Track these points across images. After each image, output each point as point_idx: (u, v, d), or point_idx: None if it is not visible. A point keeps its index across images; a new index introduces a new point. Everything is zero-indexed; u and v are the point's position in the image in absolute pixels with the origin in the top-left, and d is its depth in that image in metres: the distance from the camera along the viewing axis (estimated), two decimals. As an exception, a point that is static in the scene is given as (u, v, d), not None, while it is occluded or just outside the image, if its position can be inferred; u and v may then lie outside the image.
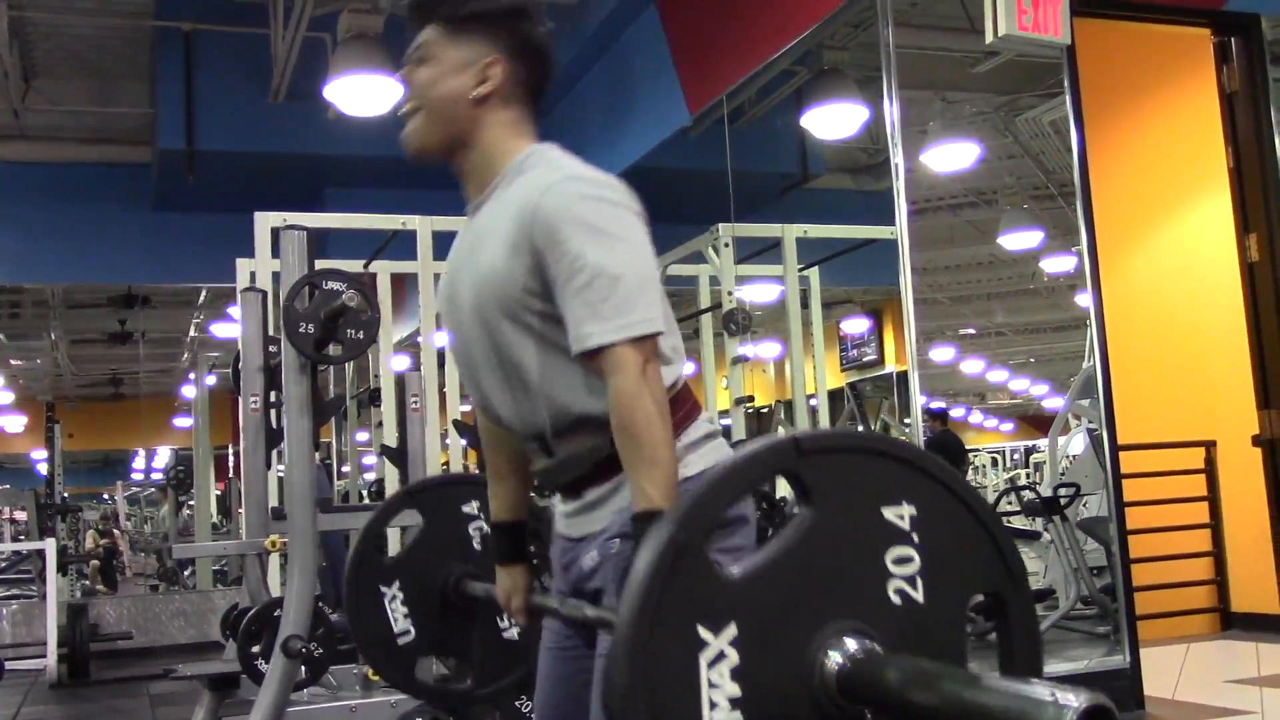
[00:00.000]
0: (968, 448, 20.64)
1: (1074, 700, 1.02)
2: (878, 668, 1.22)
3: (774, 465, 1.28)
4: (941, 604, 1.33)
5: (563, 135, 7.63)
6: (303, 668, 4.45)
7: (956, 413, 24.92)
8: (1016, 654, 1.36)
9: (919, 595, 1.31)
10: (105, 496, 18.55)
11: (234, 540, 7.09)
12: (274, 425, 5.34)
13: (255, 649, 4.63)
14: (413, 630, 2.39)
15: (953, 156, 9.35)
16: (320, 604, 4.86)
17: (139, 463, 20.27)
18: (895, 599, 1.30)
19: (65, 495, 14.46)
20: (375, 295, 7.10)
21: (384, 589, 2.38)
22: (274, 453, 5.43)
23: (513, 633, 2.53)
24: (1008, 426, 26.74)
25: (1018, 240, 11.63)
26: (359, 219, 6.79)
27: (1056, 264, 11.98)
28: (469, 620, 2.33)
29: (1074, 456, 8.51)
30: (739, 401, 7.18)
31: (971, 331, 18.78)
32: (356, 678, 5.18)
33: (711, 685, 1.19)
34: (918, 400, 5.42)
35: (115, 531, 14.81)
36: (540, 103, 1.93)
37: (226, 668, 4.90)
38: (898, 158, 5.12)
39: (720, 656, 1.20)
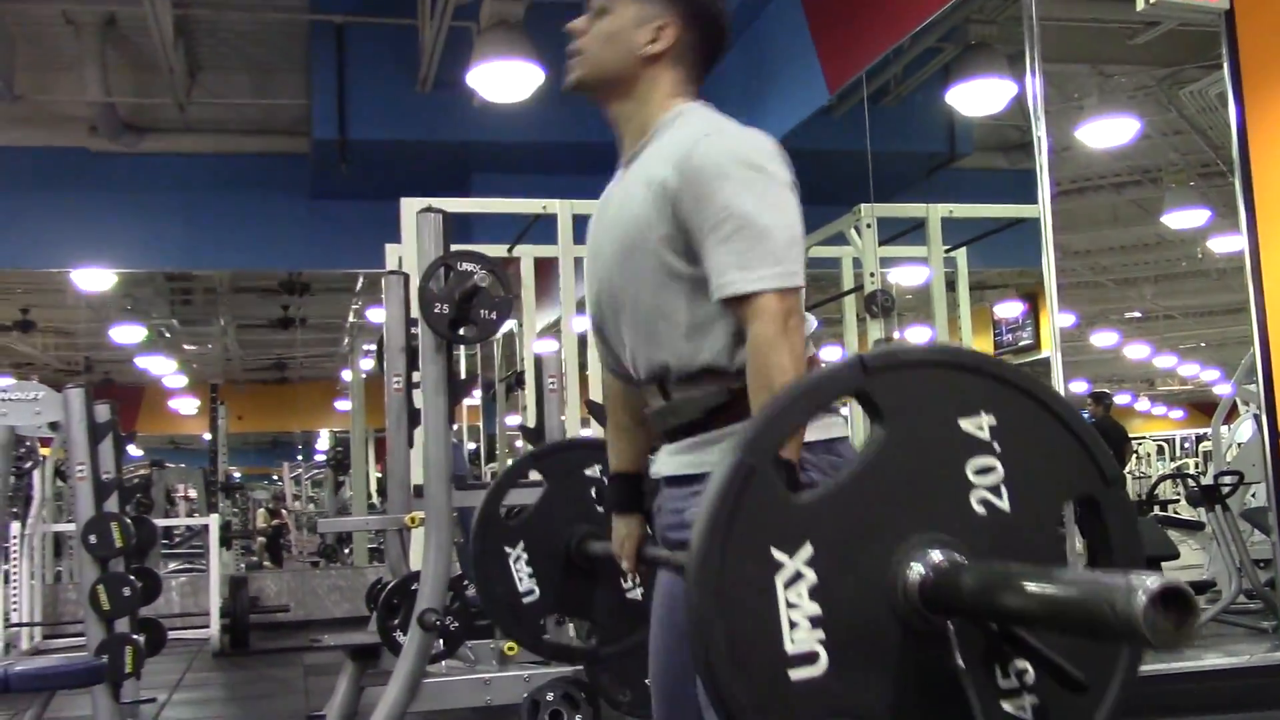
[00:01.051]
0: (1134, 435, 19.95)
1: (1149, 582, 1.00)
2: (959, 575, 1.20)
3: (840, 386, 1.26)
4: (1030, 511, 1.30)
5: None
6: (439, 640, 4.57)
7: (1121, 399, 24.09)
8: (1117, 557, 1.31)
9: (1004, 504, 1.28)
10: (274, 478, 19.27)
11: (376, 516, 7.29)
12: (415, 404, 5.46)
13: (394, 622, 4.76)
14: (537, 590, 2.45)
15: (1110, 132, 9.00)
16: (458, 580, 4.98)
17: (305, 444, 21.05)
18: (980, 509, 1.27)
19: (235, 475, 15.15)
20: (518, 278, 7.25)
21: (509, 549, 2.44)
22: (416, 431, 5.55)
23: (635, 593, 2.55)
24: (1178, 413, 25.73)
25: (1183, 219, 11.15)
26: (500, 203, 6.90)
27: (1226, 244, 11.46)
28: (592, 580, 2.37)
29: (1241, 444, 8.14)
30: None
31: (1137, 315, 18.09)
32: (493, 652, 5.28)
33: (790, 605, 1.18)
34: (1061, 384, 5.24)
35: (284, 511, 15.41)
36: (708, 71, 1.95)
37: (367, 639, 5.05)
38: (1040, 131, 4.95)
39: (797, 577, 1.19)
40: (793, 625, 1.18)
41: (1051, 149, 5.15)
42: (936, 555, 1.22)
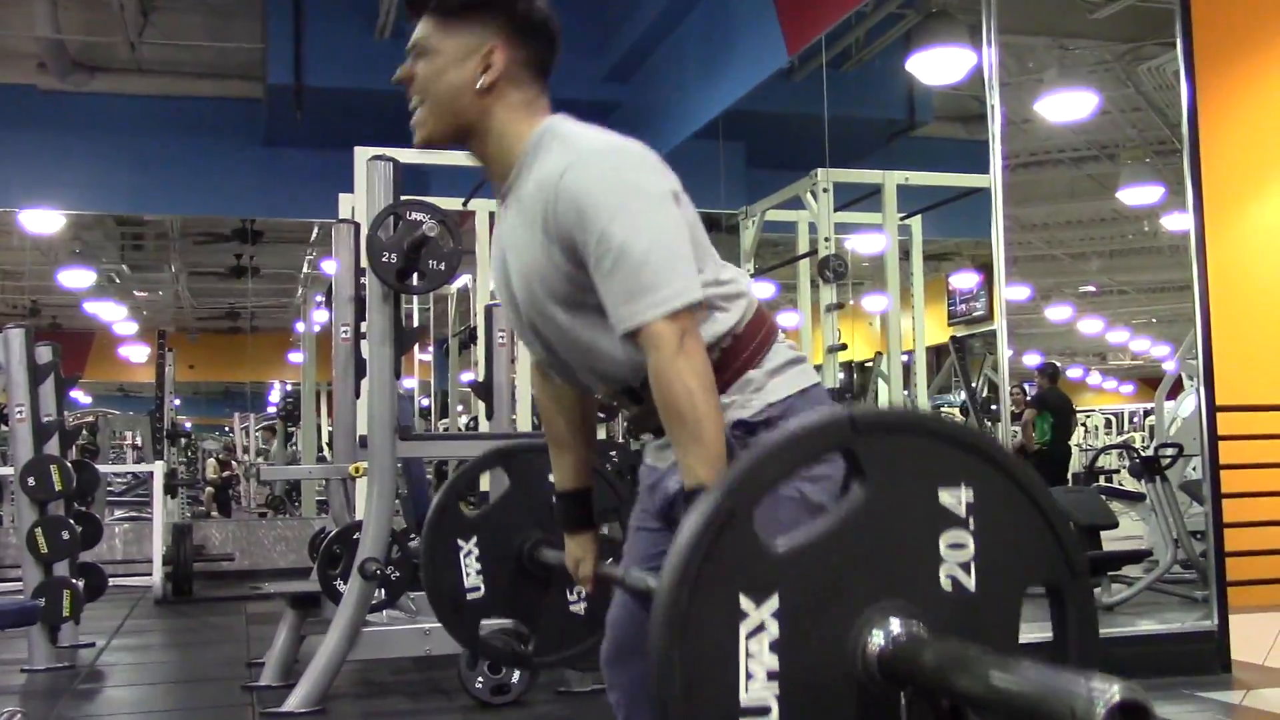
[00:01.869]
0: (1084, 408, 20.18)
1: (1109, 691, 0.99)
2: (920, 649, 1.20)
3: (828, 441, 1.26)
4: (994, 593, 1.30)
5: (660, 78, 7.62)
6: (380, 590, 4.57)
7: (1074, 373, 24.34)
8: (1072, 651, 1.33)
9: (971, 583, 1.28)
10: (226, 429, 19.12)
11: (319, 465, 7.26)
12: (363, 355, 5.43)
13: (335, 571, 4.76)
14: (483, 588, 2.39)
15: (1069, 106, 9.05)
16: (403, 533, 4.97)
17: (256, 396, 20.84)
18: (947, 584, 1.27)
19: (186, 424, 15.02)
20: (473, 233, 7.20)
21: (461, 543, 2.39)
22: (363, 382, 5.52)
23: (579, 607, 2.52)
24: (1128, 388, 26.05)
25: (1138, 195, 11.25)
26: (454, 156, 6.76)
27: (1179, 221, 11.58)
28: (540, 587, 2.33)
29: (1183, 418, 8.26)
30: (831, 349, 7.10)
31: (1091, 289, 18.26)
32: (435, 604, 5.29)
33: (749, 655, 1.19)
34: (1005, 355, 5.28)
35: (234, 463, 15.29)
36: (549, 77, 1.87)
37: (308, 588, 5.04)
38: (994, 100, 4.96)
39: (760, 628, 1.19)
40: (749, 676, 1.19)
41: (1006, 120, 5.16)
42: (896, 625, 1.22)
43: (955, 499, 1.27)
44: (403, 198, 4.53)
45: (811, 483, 1.76)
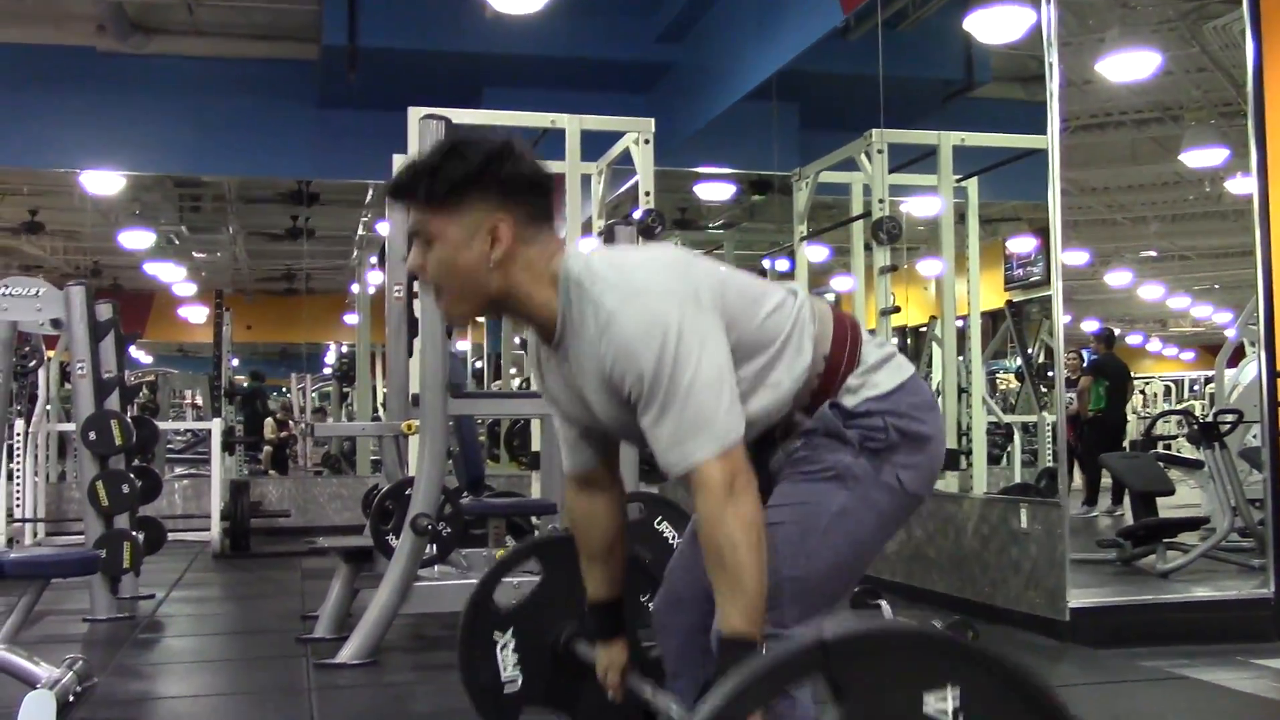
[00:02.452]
0: (1144, 375, 19.89)
1: None
2: None
3: (800, 670, 1.25)
4: None
5: (713, 38, 7.51)
6: (431, 545, 4.62)
7: (1133, 339, 24.01)
8: None
9: None
10: (283, 390, 19.36)
11: (373, 423, 7.34)
12: (416, 315, 5.47)
13: (387, 526, 4.81)
14: (520, 679, 2.38)
15: (1131, 66, 8.88)
16: (456, 491, 5.01)
17: (312, 357, 21.04)
18: None
19: (243, 384, 15.21)
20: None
21: (498, 635, 2.38)
22: (416, 342, 5.57)
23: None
24: (1188, 355, 25.68)
25: (1201, 158, 11.03)
26: (506, 116, 6.81)
27: (1243, 185, 11.34)
28: (578, 676, 2.29)
29: (1244, 385, 8.13)
30: (884, 312, 7.04)
31: (1152, 255, 17.95)
32: (486, 560, 5.34)
33: None
34: (1061, 321, 5.22)
35: (291, 423, 15.47)
36: (552, 219, 1.86)
37: (361, 543, 5.11)
38: (1053, 58, 4.89)
39: None
40: None
41: (1065, 79, 5.07)
42: None
43: (941, 703, 1.25)
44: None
45: (906, 470, 1.88)
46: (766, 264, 10.59)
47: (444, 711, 2.36)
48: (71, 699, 3.48)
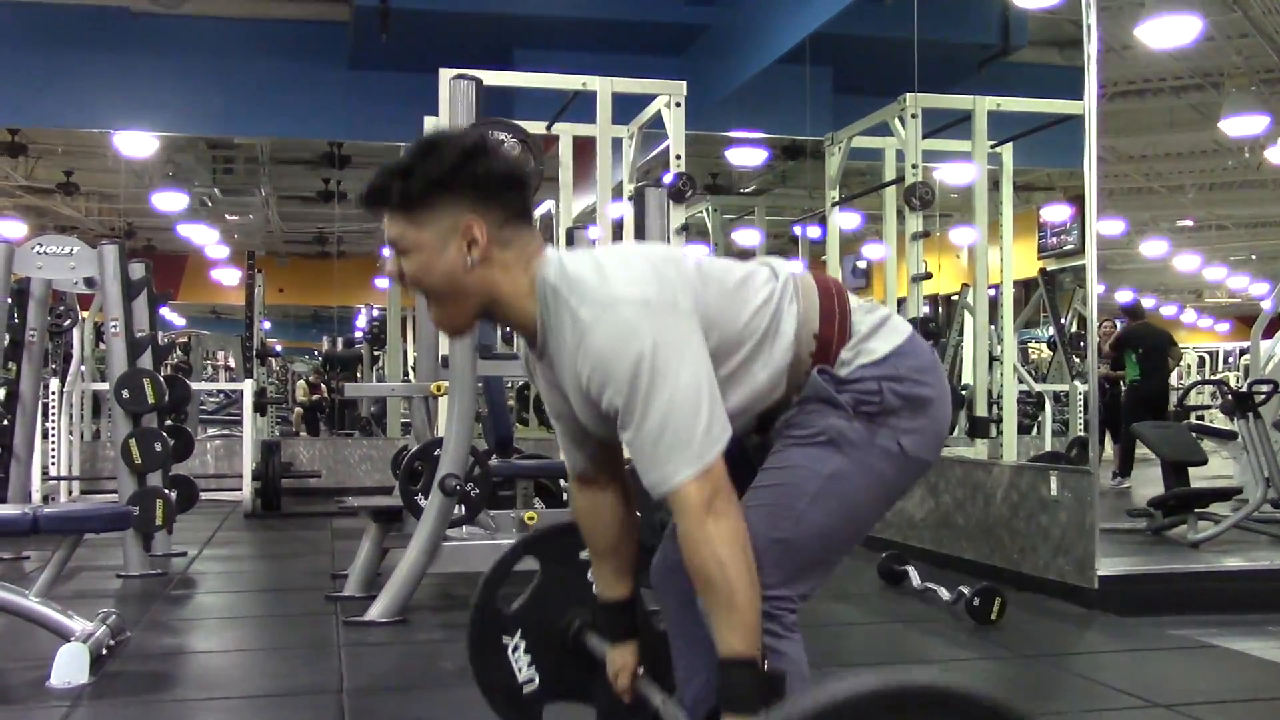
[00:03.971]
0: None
1: None
2: None
3: None
4: None
5: (746, 1, 7.40)
6: (459, 506, 4.65)
7: (1167, 310, 23.77)
8: None
9: None
10: (315, 352, 19.48)
11: (402, 384, 7.37)
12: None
13: (416, 486, 4.84)
14: (537, 678, 2.36)
15: (1172, 31, 8.74)
16: (485, 454, 5.03)
17: (343, 320, 21.16)
18: None
19: (275, 346, 15.33)
20: (557, 159, 7.19)
21: (506, 639, 2.35)
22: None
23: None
24: (1224, 326, 25.44)
25: (1241, 126, 10.88)
26: (537, 78, 6.79)
27: (1285, 153, 11.21)
28: (593, 664, 2.27)
29: (1279, 356, 8.04)
30: (915, 279, 7.00)
31: (1189, 224, 17.75)
32: (514, 521, 5.37)
33: None
34: (1094, 290, 5.17)
35: (323, 385, 15.58)
36: (530, 216, 1.82)
37: (390, 502, 5.14)
38: (1091, 19, 4.80)
39: None
40: None
41: (1102, 41, 4.99)
42: None
43: None
44: (485, 118, 4.53)
45: (908, 434, 1.85)
46: (798, 230, 10.55)
47: (471, 670, 2.37)
48: (105, 652, 3.54)
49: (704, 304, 1.76)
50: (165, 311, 15.34)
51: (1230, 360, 19.60)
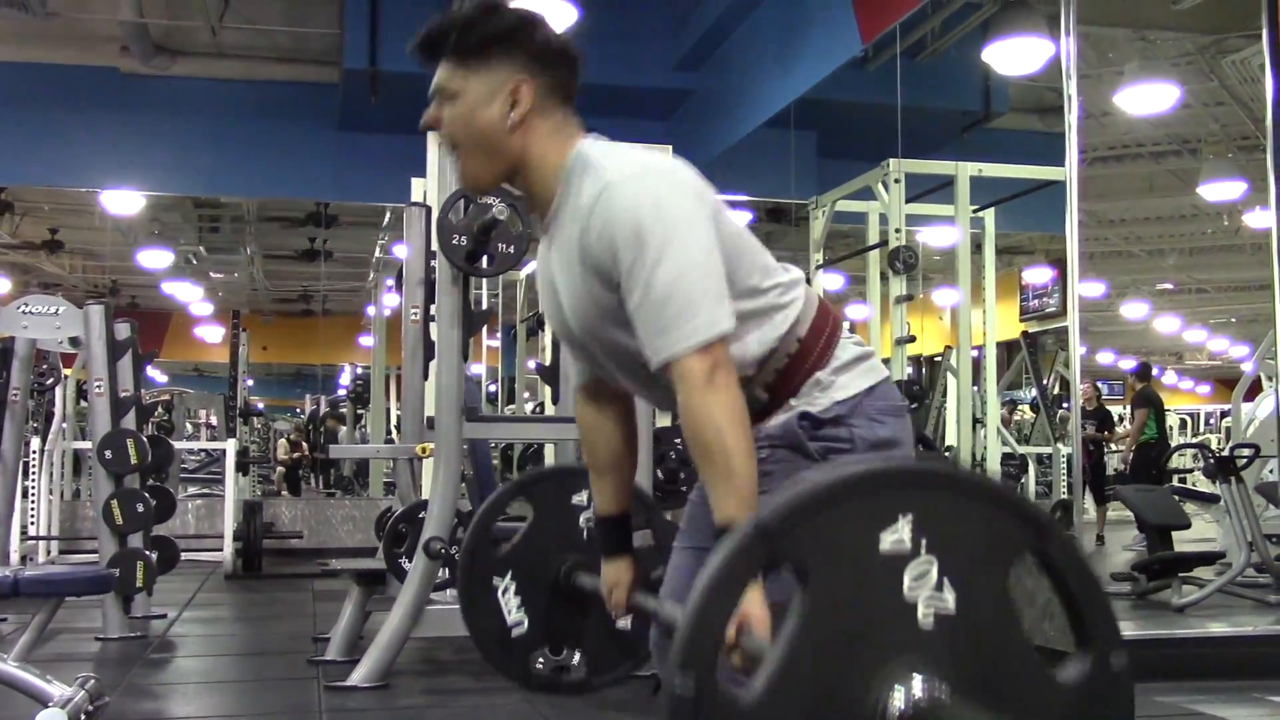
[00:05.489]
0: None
1: None
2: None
3: (748, 564, 1.24)
4: (976, 593, 1.29)
5: (732, 66, 7.54)
6: (444, 568, 4.61)
7: (1147, 372, 23.89)
8: (1076, 595, 1.34)
9: (949, 601, 1.27)
10: (297, 410, 19.42)
11: (387, 445, 7.35)
12: (432, 338, 5.48)
13: (400, 549, 4.81)
14: (526, 621, 2.37)
15: (1150, 98, 8.88)
16: (468, 515, 5.00)
17: (327, 378, 21.11)
18: (928, 622, 1.26)
19: (258, 404, 15.28)
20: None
21: (496, 580, 2.37)
22: (432, 365, 5.57)
23: (625, 622, 2.46)
24: (1204, 389, 25.57)
25: (1219, 191, 11.03)
26: (526, 141, 6.85)
27: (1261, 218, 11.33)
28: (583, 610, 2.30)
29: (1260, 419, 8.10)
30: (899, 341, 7.05)
31: (1169, 287, 17.91)
32: (498, 585, 5.33)
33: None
34: (1077, 352, 5.21)
35: (304, 444, 15.52)
36: (574, 99, 1.84)
37: (374, 565, 5.11)
38: (1071, 90, 4.88)
39: None
40: None
41: (1084, 111, 5.08)
42: (898, 699, 1.23)
43: (896, 538, 1.24)
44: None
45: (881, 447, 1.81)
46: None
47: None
48: (83, 717, 3.48)
49: (720, 235, 1.75)
50: (148, 368, 15.28)
51: (1211, 423, 19.71)
